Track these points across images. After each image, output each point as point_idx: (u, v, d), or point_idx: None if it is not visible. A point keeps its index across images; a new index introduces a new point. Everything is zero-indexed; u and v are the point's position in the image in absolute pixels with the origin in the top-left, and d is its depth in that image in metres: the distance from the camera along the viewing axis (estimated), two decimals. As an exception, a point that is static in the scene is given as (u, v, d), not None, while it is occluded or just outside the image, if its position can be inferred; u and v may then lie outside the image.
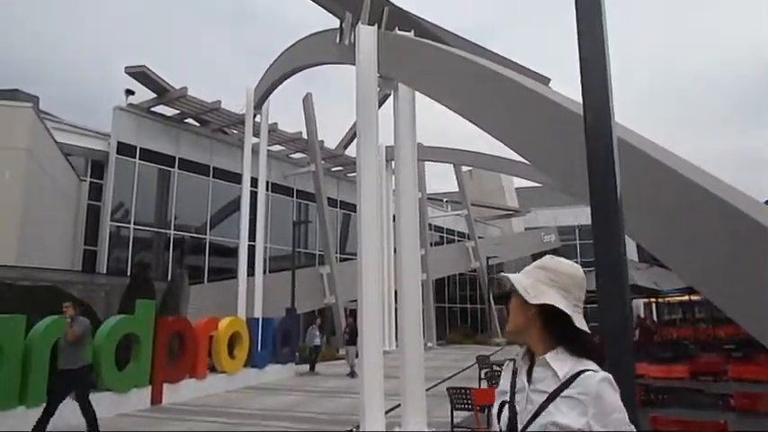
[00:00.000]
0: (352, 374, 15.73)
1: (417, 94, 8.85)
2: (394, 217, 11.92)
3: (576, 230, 45.45)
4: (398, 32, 9.01)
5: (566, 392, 1.46)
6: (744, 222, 3.18)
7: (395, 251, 12.21)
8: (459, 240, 38.76)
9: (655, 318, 25.01)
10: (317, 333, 18.33)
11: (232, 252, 21.67)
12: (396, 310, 18.47)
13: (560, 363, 1.51)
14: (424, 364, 8.46)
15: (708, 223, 3.41)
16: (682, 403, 6.06)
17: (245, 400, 12.29)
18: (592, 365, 1.48)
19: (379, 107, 9.84)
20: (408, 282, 8.59)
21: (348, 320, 17.77)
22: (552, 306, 1.54)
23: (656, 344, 15.04)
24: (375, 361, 8.00)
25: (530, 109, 5.16)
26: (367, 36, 8.86)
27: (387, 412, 8.40)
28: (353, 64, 9.27)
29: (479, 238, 37.22)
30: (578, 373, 1.47)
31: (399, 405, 8.84)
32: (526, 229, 46.66)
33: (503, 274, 1.76)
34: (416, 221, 9.02)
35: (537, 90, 5.12)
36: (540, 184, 31.90)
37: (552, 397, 1.48)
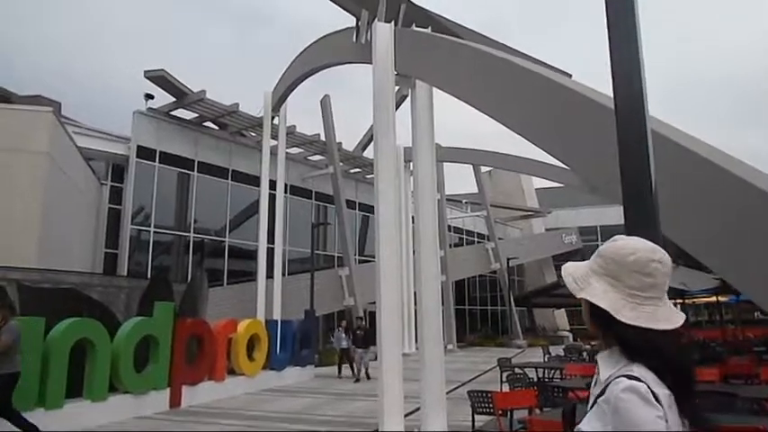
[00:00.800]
0: (367, 377, 15.62)
1: (435, 93, 8.71)
2: (413, 218, 11.83)
3: (598, 231, 44.81)
4: (415, 29, 8.87)
5: (600, 398, 1.30)
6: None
7: (414, 252, 12.00)
8: (478, 242, 38.44)
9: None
10: (344, 335, 18.07)
11: (251, 255, 21.70)
12: (415, 312, 18.31)
13: (608, 365, 1.35)
14: (444, 367, 8.31)
15: (751, 219, 3.17)
16: (715, 407, 5.78)
17: (264, 403, 12.23)
18: (638, 370, 1.27)
19: (396, 109, 9.70)
20: (428, 283, 8.46)
21: (359, 323, 17.44)
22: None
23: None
24: (394, 363, 7.86)
25: (557, 103, 4.97)
26: (383, 33, 8.74)
27: (406, 415, 8.24)
28: (371, 62, 9.16)
29: (499, 239, 36.86)
30: (615, 378, 1.29)
31: (419, 408, 8.70)
32: (546, 230, 46.13)
33: (563, 265, 1.52)
34: (435, 222, 8.88)
35: (565, 83, 4.93)
36: (561, 185, 31.48)
37: (594, 403, 1.33)
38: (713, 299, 19.07)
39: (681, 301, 17.87)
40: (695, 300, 18.77)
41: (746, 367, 9.42)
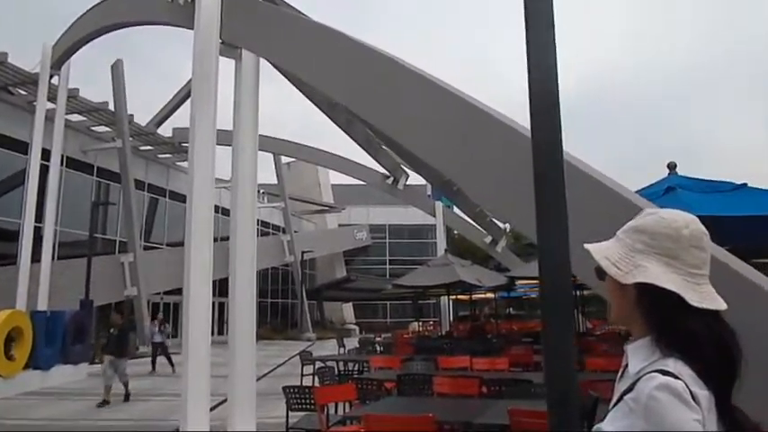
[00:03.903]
0: (126, 396, 11.02)
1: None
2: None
3: (387, 229, 47.52)
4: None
5: (628, 396, 1.11)
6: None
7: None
8: (273, 233, 37.94)
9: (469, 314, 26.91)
10: (156, 330, 16.82)
11: (11, 235, 18.46)
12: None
13: (640, 357, 1.16)
14: (255, 360, 7.86)
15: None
16: (516, 394, 6.24)
17: (26, 409, 10.39)
18: (674, 365, 1.09)
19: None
20: (242, 273, 7.93)
21: (116, 318, 12.29)
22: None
23: (466, 338, 16.09)
24: (203, 358, 7.17)
25: (393, 78, 4.92)
26: (210, -4, 7.92)
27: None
28: (189, 27, 8.27)
29: (294, 232, 36.84)
30: (647, 373, 1.11)
31: (219, 404, 8.15)
32: (340, 225, 47.44)
33: (586, 245, 1.29)
34: (254, 209, 8.40)
35: (404, 65, 4.88)
36: (358, 182, 32.44)
37: (618, 400, 1.15)
38: (490, 295, 21.28)
39: (468, 296, 19.60)
40: (472, 295, 20.64)
41: (524, 356, 10.53)
